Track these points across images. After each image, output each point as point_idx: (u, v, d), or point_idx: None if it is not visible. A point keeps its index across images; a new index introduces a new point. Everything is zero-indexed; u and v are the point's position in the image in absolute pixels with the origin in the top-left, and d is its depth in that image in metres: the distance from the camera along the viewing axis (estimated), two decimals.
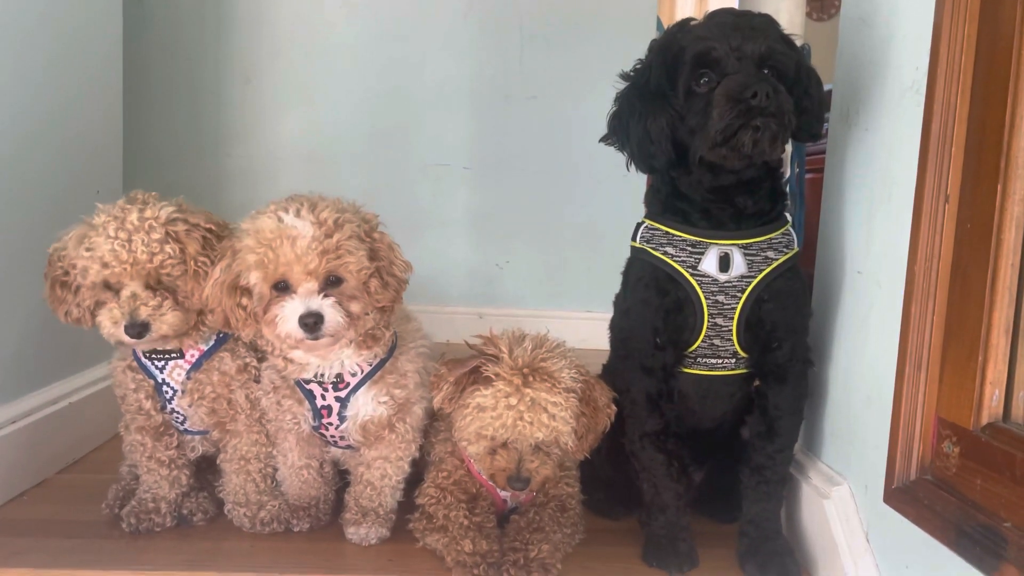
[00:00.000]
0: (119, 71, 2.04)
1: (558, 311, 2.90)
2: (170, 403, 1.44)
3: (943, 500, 1.02)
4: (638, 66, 1.32)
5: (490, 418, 1.25)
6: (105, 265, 1.27)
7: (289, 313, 1.23)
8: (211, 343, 1.43)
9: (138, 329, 1.28)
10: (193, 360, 1.42)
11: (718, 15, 1.24)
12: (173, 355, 1.42)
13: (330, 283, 1.25)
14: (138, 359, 1.43)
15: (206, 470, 1.57)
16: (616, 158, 2.96)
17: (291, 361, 1.36)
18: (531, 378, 1.25)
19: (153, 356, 1.42)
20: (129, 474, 1.55)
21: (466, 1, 2.87)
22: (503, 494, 1.42)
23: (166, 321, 1.30)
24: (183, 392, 1.43)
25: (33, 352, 1.67)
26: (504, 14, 2.86)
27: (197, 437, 1.51)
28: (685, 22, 1.27)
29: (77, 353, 1.83)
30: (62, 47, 1.77)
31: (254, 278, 1.24)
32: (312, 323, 1.22)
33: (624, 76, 1.34)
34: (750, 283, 1.31)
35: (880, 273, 1.25)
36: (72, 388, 1.79)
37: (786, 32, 1.28)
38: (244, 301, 1.27)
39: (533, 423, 1.24)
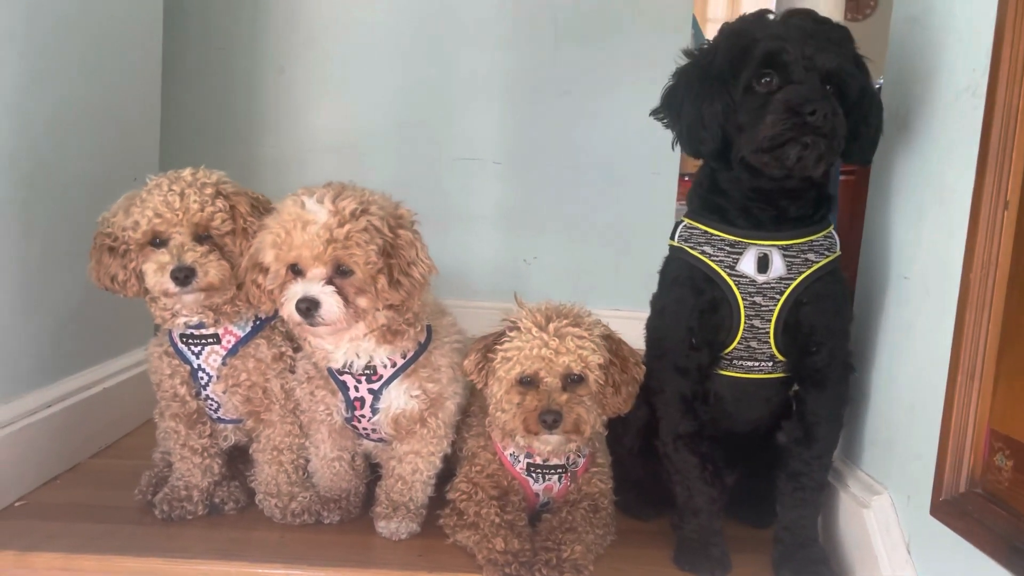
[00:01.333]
0: (158, 60, 2.05)
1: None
2: (205, 389, 1.44)
3: (994, 514, 0.99)
4: (704, 46, 1.30)
5: (515, 354, 1.27)
6: (157, 215, 1.30)
7: (291, 295, 1.25)
8: (247, 329, 1.43)
9: (185, 272, 1.29)
10: (229, 346, 1.42)
11: (797, 16, 1.22)
12: (209, 340, 1.42)
13: (341, 272, 1.25)
14: (174, 344, 1.43)
15: (237, 459, 1.57)
16: (647, 156, 2.94)
17: (313, 346, 1.36)
18: (553, 316, 1.30)
19: (190, 341, 1.42)
20: (162, 461, 1.56)
21: None
22: (535, 487, 1.41)
23: (212, 267, 1.32)
24: (218, 378, 1.43)
25: (69, 337, 1.69)
26: (538, 8, 2.83)
27: (230, 426, 1.51)
28: (762, 13, 1.25)
29: (112, 339, 1.84)
30: (103, 35, 1.77)
31: (269, 257, 1.26)
32: (305, 308, 1.23)
33: (687, 53, 1.32)
34: (789, 285, 1.29)
35: (928, 279, 1.23)
36: (106, 373, 1.80)
37: (859, 52, 1.25)
38: (260, 279, 1.29)
39: (558, 350, 1.26)
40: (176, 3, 2.58)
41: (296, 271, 1.26)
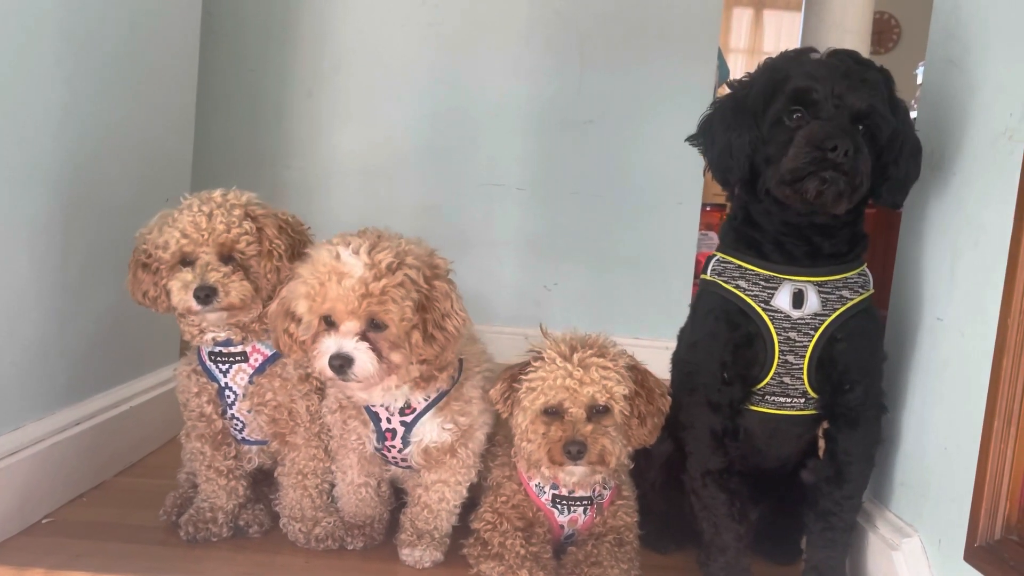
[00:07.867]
0: (193, 84, 2.08)
1: None
2: (231, 408, 1.45)
3: None
4: (746, 78, 1.32)
5: (540, 384, 1.27)
6: (184, 235, 1.32)
7: (323, 350, 1.23)
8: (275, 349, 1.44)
9: (206, 291, 1.31)
10: (256, 364, 1.44)
11: (837, 56, 1.24)
12: (237, 358, 1.43)
13: (374, 326, 1.23)
14: (203, 363, 1.45)
15: (262, 482, 1.57)
16: (671, 186, 2.94)
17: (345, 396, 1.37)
18: (578, 347, 1.30)
19: (218, 359, 1.43)
20: (187, 482, 1.57)
21: (528, 23, 2.88)
22: (560, 518, 1.41)
23: (233, 288, 1.33)
24: (244, 396, 1.44)
25: (100, 355, 1.70)
26: (565, 37, 2.86)
27: (255, 448, 1.52)
28: (804, 51, 1.26)
29: (140, 358, 1.86)
30: (142, 59, 1.81)
31: (302, 307, 1.24)
32: (339, 365, 1.21)
33: (729, 84, 1.34)
34: (823, 321, 1.29)
35: (963, 322, 1.22)
36: (134, 392, 1.81)
37: (897, 96, 1.26)
38: (291, 328, 1.27)
39: (583, 381, 1.26)
40: (209, 26, 2.62)
41: (329, 323, 1.24)
